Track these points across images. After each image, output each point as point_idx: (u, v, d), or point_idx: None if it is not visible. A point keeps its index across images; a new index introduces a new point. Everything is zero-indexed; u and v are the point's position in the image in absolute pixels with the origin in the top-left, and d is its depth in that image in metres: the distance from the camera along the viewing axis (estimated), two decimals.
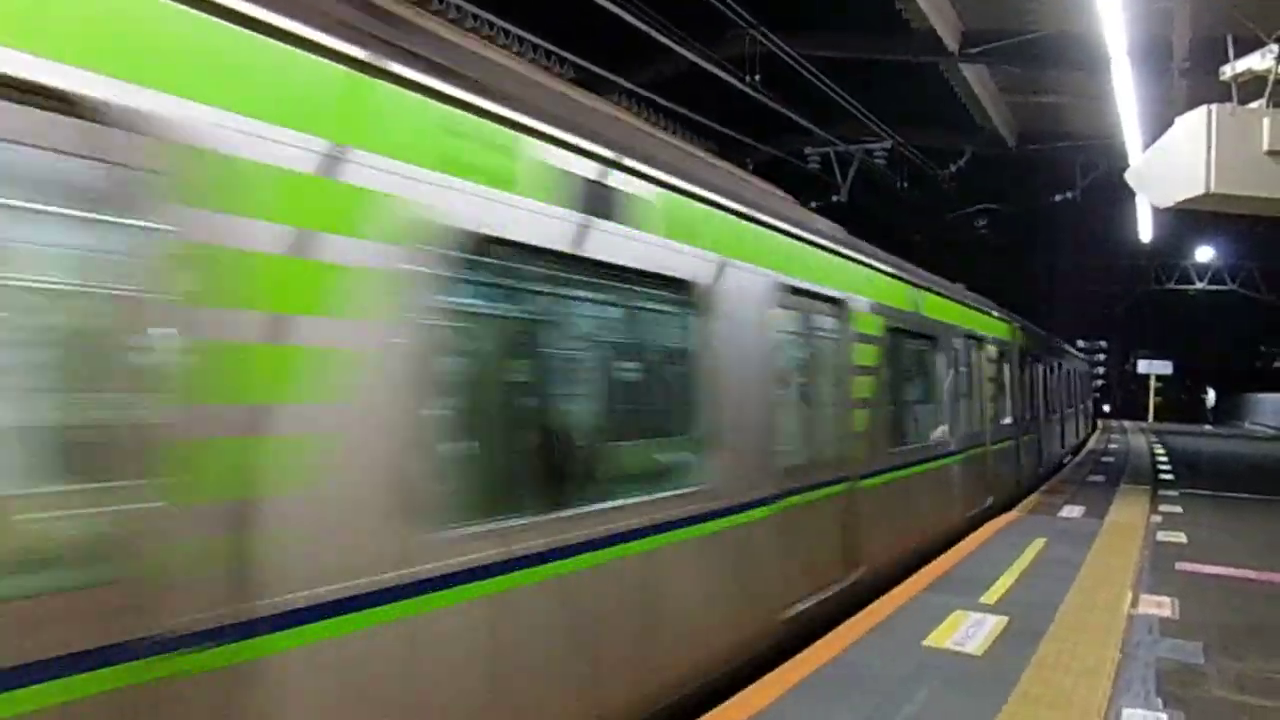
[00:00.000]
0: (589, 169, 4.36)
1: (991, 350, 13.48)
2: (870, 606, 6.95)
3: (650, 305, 5.10)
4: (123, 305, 2.49)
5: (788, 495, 6.17)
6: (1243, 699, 5.10)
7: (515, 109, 3.86)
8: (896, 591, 7.48)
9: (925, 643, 6.00)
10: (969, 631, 6.30)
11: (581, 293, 4.48)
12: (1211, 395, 56.26)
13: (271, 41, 2.83)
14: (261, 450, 2.73)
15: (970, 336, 12.07)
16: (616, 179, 4.57)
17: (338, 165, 3.04)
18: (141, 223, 2.49)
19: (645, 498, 4.70)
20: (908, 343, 9.43)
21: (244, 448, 2.68)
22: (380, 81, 3.22)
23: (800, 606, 6.30)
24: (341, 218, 3.04)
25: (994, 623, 6.52)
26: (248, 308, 2.71)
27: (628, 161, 4.68)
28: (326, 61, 3.01)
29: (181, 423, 2.53)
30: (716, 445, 5.37)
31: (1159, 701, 5.00)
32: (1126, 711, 4.84)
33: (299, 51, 2.92)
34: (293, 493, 2.81)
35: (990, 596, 7.37)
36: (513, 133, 3.84)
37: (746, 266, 5.85)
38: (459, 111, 3.56)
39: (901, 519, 8.81)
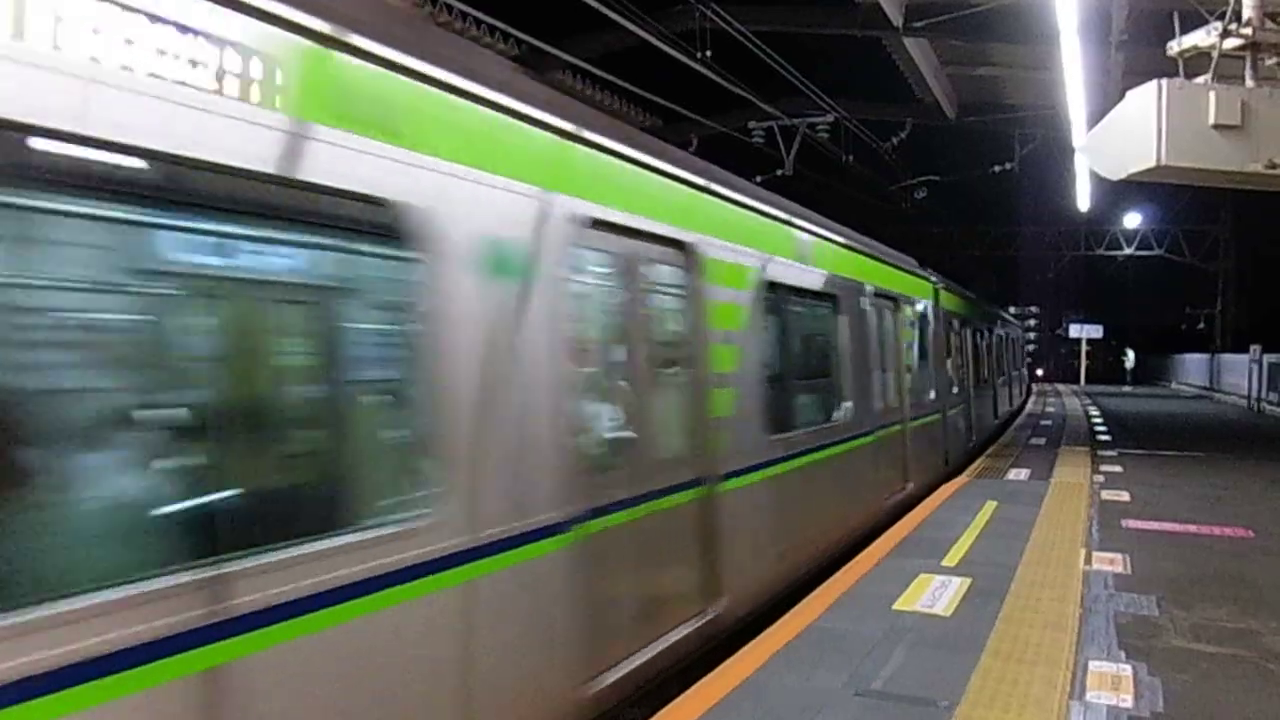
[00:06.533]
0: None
1: (967, 327, 17.15)
2: (838, 573, 7.14)
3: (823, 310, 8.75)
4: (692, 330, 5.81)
5: (878, 429, 9.76)
6: (1198, 647, 5.38)
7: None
8: (862, 557, 7.69)
9: (895, 606, 6.19)
10: (936, 593, 6.52)
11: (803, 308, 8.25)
12: (1130, 357, 57.38)
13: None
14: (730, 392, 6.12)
15: (954, 316, 15.33)
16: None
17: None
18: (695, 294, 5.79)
19: (836, 422, 8.57)
20: (925, 325, 12.92)
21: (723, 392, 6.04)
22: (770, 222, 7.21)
23: (888, 501, 10.03)
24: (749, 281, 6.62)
25: (959, 584, 6.75)
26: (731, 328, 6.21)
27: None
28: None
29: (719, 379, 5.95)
30: (851, 395, 8.84)
31: (1121, 653, 5.25)
32: (1092, 663, 5.07)
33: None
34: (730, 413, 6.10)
35: (951, 559, 7.61)
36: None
37: (856, 283, 9.39)
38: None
39: (930, 452, 12.37)
